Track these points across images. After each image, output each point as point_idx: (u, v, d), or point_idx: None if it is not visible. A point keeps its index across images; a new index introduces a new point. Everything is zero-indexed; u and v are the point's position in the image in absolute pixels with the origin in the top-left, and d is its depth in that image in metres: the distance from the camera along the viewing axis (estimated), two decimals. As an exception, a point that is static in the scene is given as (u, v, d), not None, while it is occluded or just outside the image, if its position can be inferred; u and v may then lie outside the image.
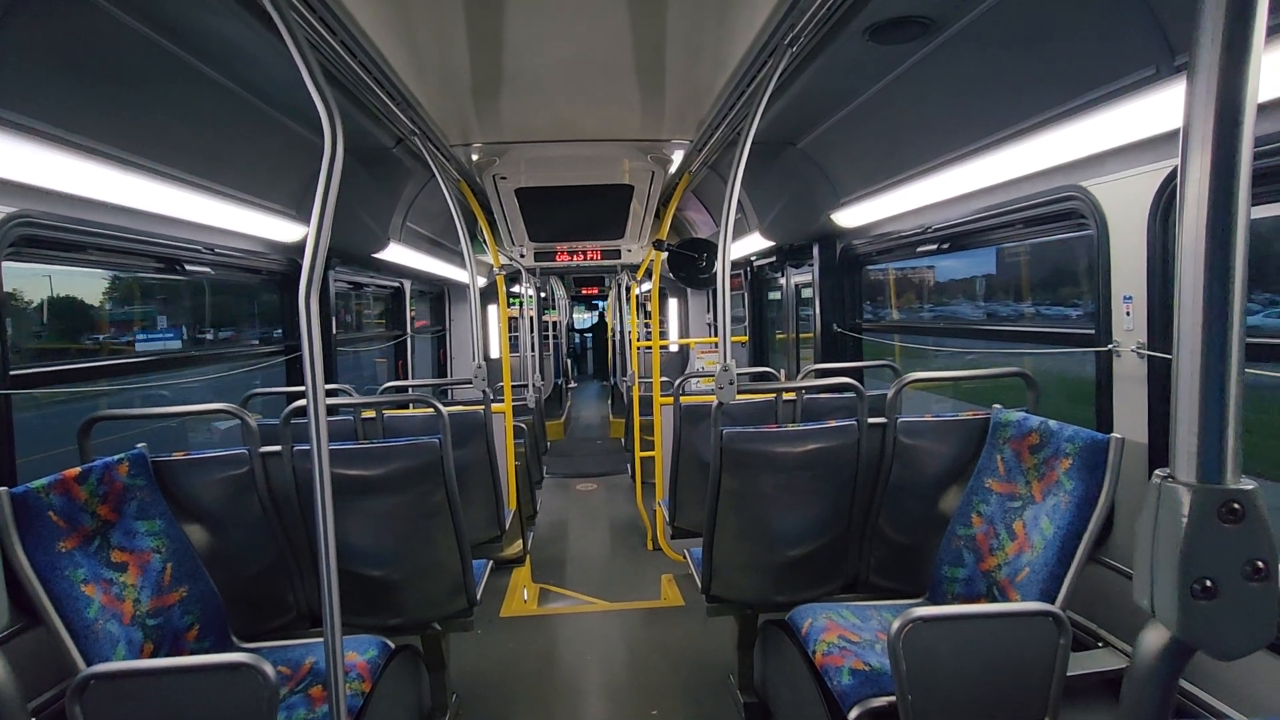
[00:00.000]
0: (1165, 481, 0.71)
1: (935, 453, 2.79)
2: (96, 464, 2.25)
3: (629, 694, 3.42)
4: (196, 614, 2.37)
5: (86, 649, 1.92)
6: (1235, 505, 0.68)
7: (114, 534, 2.23)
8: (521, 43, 2.51)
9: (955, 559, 2.56)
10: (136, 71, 2.30)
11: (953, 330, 4.15)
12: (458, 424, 3.56)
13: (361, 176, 4.05)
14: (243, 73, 2.59)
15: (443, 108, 3.14)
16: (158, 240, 2.96)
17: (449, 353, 8.62)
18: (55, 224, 2.36)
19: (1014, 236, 3.35)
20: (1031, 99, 2.46)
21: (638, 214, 5.23)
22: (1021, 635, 1.95)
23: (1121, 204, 2.34)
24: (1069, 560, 2.11)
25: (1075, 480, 2.19)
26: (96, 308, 8.14)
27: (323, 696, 2.21)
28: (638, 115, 3.38)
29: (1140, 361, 2.31)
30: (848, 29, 2.37)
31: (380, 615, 2.78)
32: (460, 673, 3.48)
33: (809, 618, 2.52)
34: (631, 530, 5.99)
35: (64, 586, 1.95)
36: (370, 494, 2.67)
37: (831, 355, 4.79)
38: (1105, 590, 2.44)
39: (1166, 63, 1.93)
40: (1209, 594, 0.67)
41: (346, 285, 5.70)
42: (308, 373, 1.64)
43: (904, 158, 3.41)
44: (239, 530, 2.68)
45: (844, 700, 2.13)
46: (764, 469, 2.72)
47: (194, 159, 2.84)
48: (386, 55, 2.42)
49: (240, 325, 7.62)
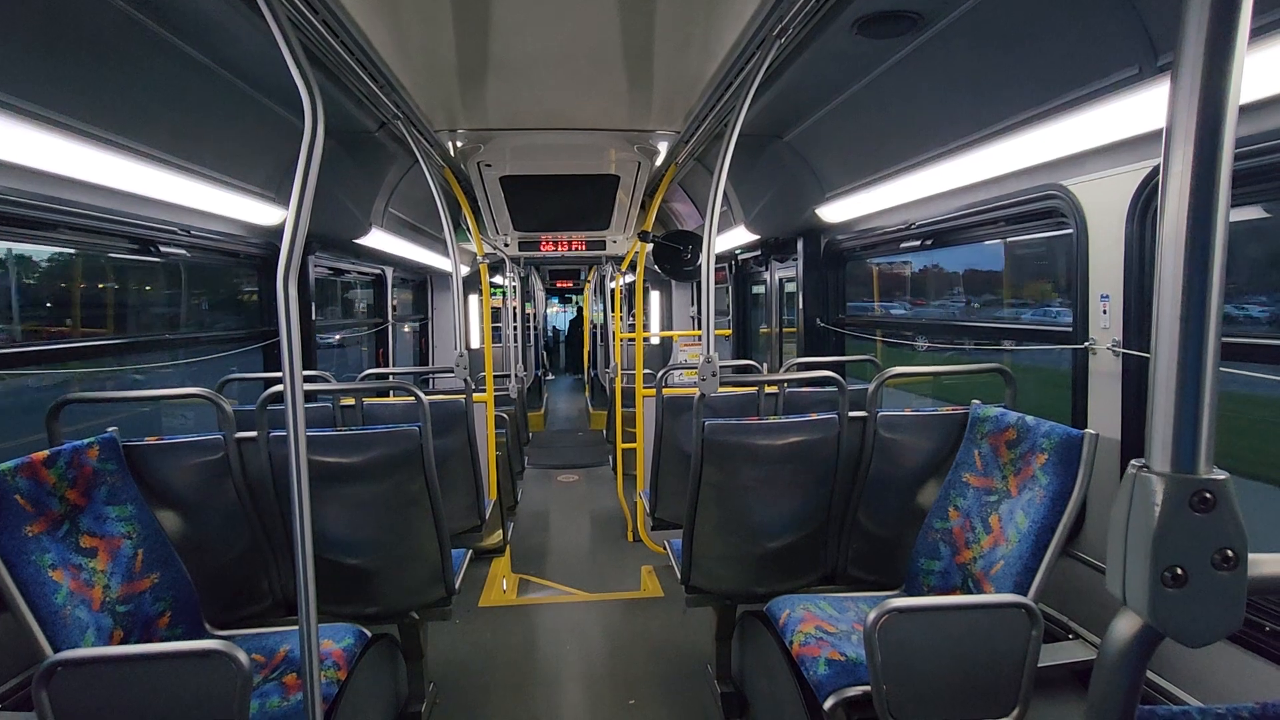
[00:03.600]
0: (1140, 471, 0.72)
1: (914, 447, 2.81)
2: (65, 447, 2.20)
3: (607, 684, 3.43)
4: (169, 601, 2.33)
5: (54, 635, 1.88)
6: (1207, 494, 0.69)
7: (83, 519, 2.19)
8: (508, 28, 2.47)
9: (932, 551, 2.59)
10: (110, 45, 2.23)
11: (933, 327, 4.19)
12: (438, 413, 3.53)
13: (343, 160, 3.99)
14: (221, 50, 2.53)
15: (427, 92, 3.10)
16: (132, 220, 2.90)
17: (430, 341, 8.55)
18: (25, 201, 2.30)
19: (996, 234, 3.38)
20: (1016, 96, 2.48)
21: (623, 205, 5.21)
22: (995, 626, 1.98)
23: (1101, 203, 2.37)
24: (1042, 553, 2.14)
25: (1050, 475, 2.22)
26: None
27: (297, 685, 2.19)
28: (625, 105, 3.36)
29: (1115, 359, 2.35)
30: (836, 21, 2.37)
31: (357, 604, 2.76)
32: (438, 662, 3.47)
33: (787, 609, 2.54)
34: (612, 521, 5.99)
35: (30, 572, 1.91)
36: (348, 481, 2.64)
37: (814, 350, 4.82)
38: (1077, 583, 2.49)
39: (1150, 62, 1.95)
40: (1179, 582, 0.69)
41: (327, 271, 5.62)
42: (285, 358, 1.61)
43: (889, 153, 3.43)
44: (213, 516, 2.63)
45: (820, 690, 2.15)
46: (744, 461, 2.73)
47: (170, 137, 2.78)
48: (370, 37, 2.38)
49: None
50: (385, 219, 5.01)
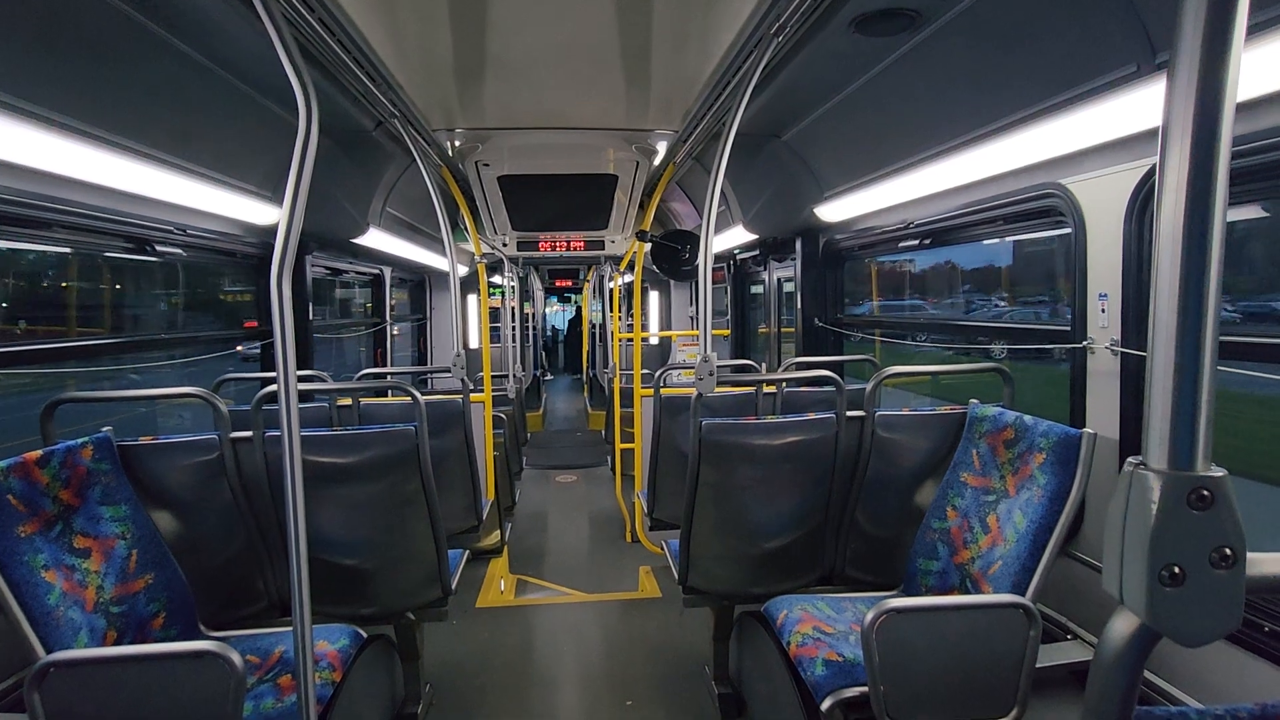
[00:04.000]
0: (1137, 469, 0.71)
1: (912, 446, 2.81)
2: (59, 447, 2.19)
3: (604, 684, 3.42)
4: (163, 602, 2.32)
5: (46, 636, 1.87)
6: (1205, 492, 0.68)
7: (77, 519, 2.18)
8: (506, 26, 2.46)
9: (930, 552, 2.58)
10: (107, 45, 2.22)
11: (932, 326, 4.18)
12: (436, 413, 3.52)
13: (340, 159, 3.98)
14: (218, 49, 2.52)
15: (424, 91, 3.09)
16: (128, 219, 2.89)
17: (429, 342, 8.53)
18: (20, 200, 2.29)
19: (994, 233, 3.38)
20: (1014, 95, 2.48)
21: (621, 205, 5.20)
22: (993, 627, 1.97)
23: (1099, 202, 2.36)
24: (1040, 553, 2.13)
25: (1048, 475, 2.21)
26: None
27: (292, 686, 2.18)
28: (623, 104, 3.35)
29: (1114, 358, 2.34)
30: (834, 20, 2.36)
31: (353, 604, 2.75)
32: (434, 663, 3.46)
33: (784, 609, 2.54)
34: (611, 522, 5.98)
35: (23, 572, 1.90)
36: (344, 481, 2.63)
37: (812, 349, 4.81)
38: (1074, 584, 2.48)
39: (1148, 60, 1.94)
40: (1177, 581, 0.68)
41: (325, 271, 5.61)
42: (279, 357, 1.61)
43: (887, 152, 3.42)
44: (208, 517, 2.62)
45: (817, 690, 2.14)
46: (742, 460, 2.72)
47: (167, 136, 2.76)
48: (367, 35, 2.37)
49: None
50: (383, 218, 5.00)
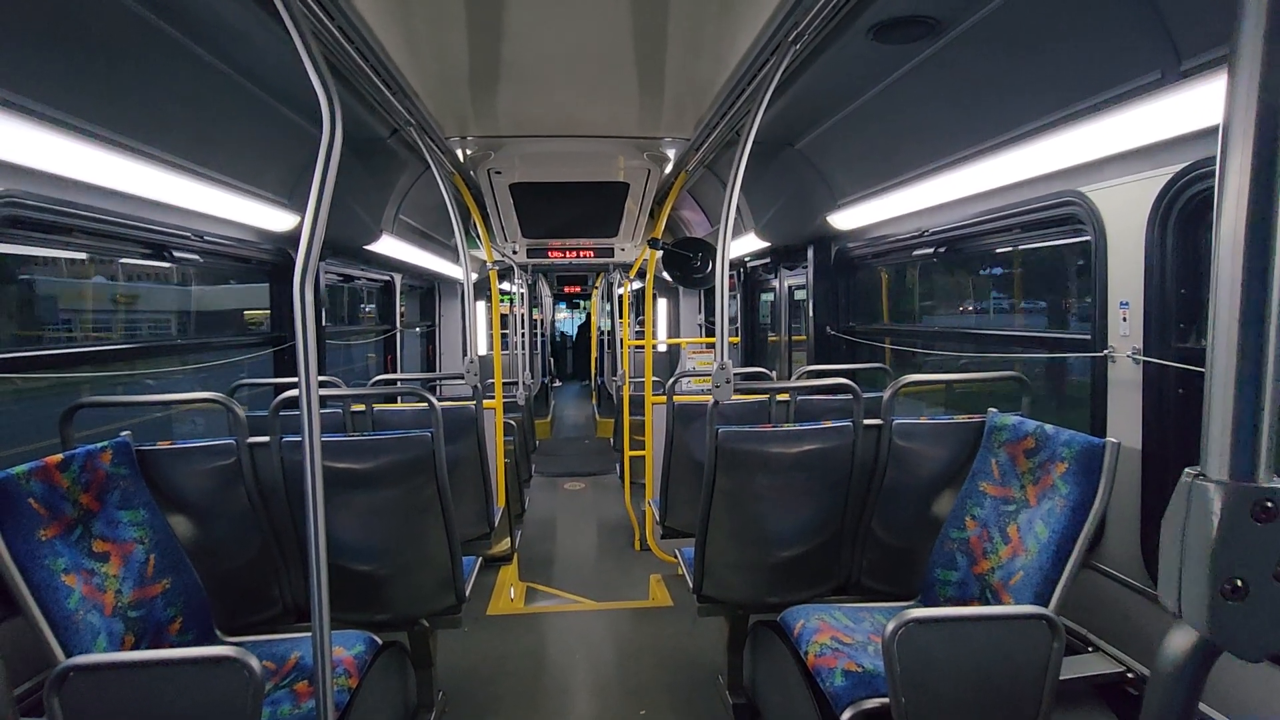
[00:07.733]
0: (1196, 480, 0.69)
1: (930, 455, 2.78)
2: (79, 451, 2.20)
3: (617, 693, 3.40)
4: (180, 606, 2.32)
5: (66, 640, 1.88)
6: (1269, 504, 0.66)
7: (96, 523, 2.18)
8: (521, 34, 2.48)
9: (948, 562, 2.56)
10: (127, 51, 2.24)
11: (947, 334, 4.16)
12: (448, 419, 3.51)
13: (355, 167, 4.00)
14: (235, 55, 2.54)
15: (439, 98, 3.11)
16: (145, 225, 2.90)
17: (438, 348, 8.55)
18: (41, 205, 2.30)
19: (1010, 241, 3.36)
20: (1034, 102, 2.47)
21: (632, 212, 5.21)
22: (1015, 638, 1.94)
23: (1120, 210, 2.35)
24: (1063, 564, 2.11)
25: (1070, 484, 2.19)
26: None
27: (308, 692, 2.17)
28: (635, 112, 3.36)
29: (1135, 367, 2.32)
30: (852, 27, 2.36)
31: (368, 610, 2.74)
32: (447, 670, 3.44)
33: (801, 619, 2.51)
34: (619, 530, 5.96)
35: (43, 576, 1.90)
36: (360, 487, 2.63)
37: (824, 358, 4.79)
38: (1097, 595, 2.45)
39: (1173, 67, 1.93)
40: (1239, 594, 0.66)
41: (337, 278, 5.64)
42: (301, 363, 1.60)
43: (902, 160, 3.41)
44: (225, 522, 2.62)
45: (837, 702, 2.12)
46: (759, 469, 2.70)
47: (184, 142, 2.79)
48: (385, 43, 2.39)
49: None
50: (395, 225, 5.03)
